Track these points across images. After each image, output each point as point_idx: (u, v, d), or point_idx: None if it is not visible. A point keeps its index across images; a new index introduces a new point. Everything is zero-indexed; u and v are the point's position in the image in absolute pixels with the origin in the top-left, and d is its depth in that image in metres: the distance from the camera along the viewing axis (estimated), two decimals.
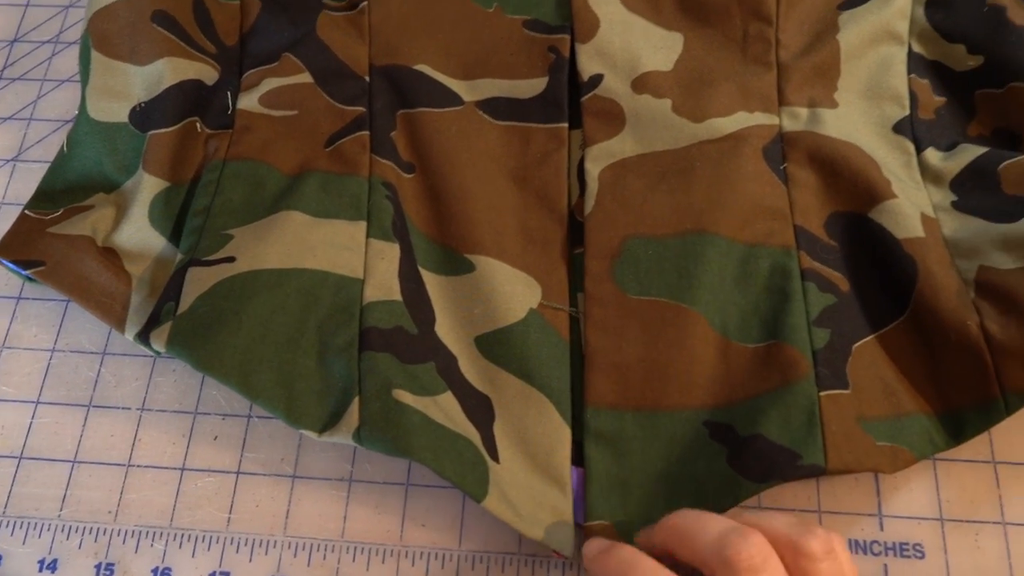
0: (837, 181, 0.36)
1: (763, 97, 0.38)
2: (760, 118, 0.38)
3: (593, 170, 0.38)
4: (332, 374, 0.33)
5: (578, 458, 0.33)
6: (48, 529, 0.34)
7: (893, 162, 0.37)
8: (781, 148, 0.37)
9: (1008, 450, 0.34)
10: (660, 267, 0.35)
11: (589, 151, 0.38)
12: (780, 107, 0.38)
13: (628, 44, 0.40)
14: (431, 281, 0.36)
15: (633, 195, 0.37)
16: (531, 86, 0.40)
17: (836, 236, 0.36)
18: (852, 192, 0.36)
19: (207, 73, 0.39)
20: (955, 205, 0.36)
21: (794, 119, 0.38)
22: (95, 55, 0.37)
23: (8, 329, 0.38)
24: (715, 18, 0.40)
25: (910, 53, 0.39)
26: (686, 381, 0.34)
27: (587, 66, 0.39)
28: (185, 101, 0.38)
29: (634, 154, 0.38)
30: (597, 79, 0.39)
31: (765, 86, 0.38)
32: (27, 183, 0.41)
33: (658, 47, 0.40)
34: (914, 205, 0.35)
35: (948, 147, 0.37)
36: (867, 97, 0.39)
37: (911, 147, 0.37)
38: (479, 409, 0.34)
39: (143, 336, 0.34)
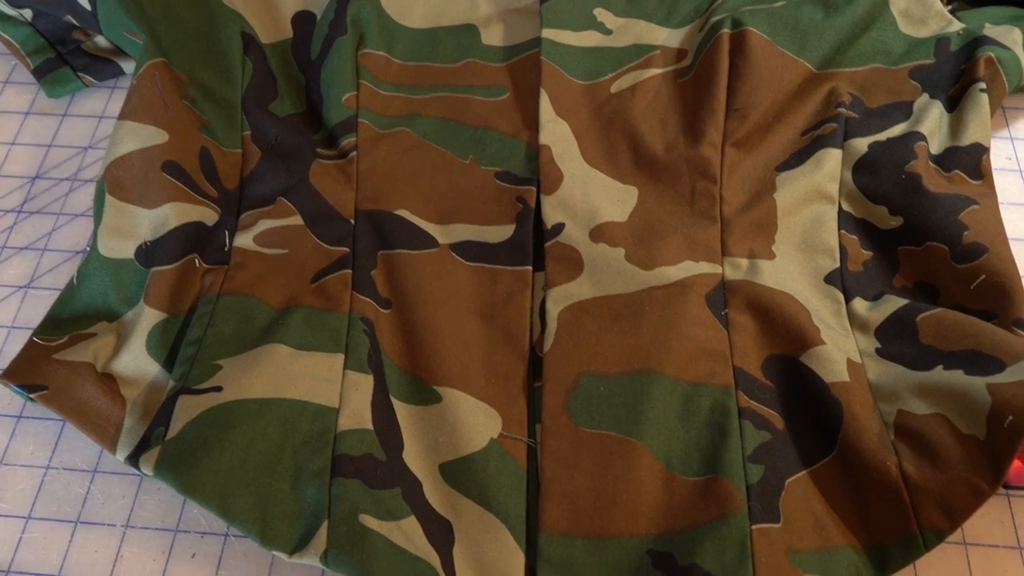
0: (773, 327, 0.40)
1: (707, 248, 0.42)
2: (704, 267, 0.42)
3: (553, 310, 0.41)
4: (304, 498, 0.36)
5: None
6: None
7: (824, 310, 0.41)
8: (723, 295, 0.41)
9: None
10: (610, 403, 0.39)
11: (550, 293, 0.42)
12: (723, 257, 0.42)
13: (588, 196, 0.44)
14: (401, 410, 0.39)
15: (588, 335, 0.40)
16: (500, 232, 0.44)
17: (772, 377, 0.39)
18: (786, 337, 0.40)
19: (208, 215, 0.43)
20: (879, 352, 0.39)
21: (735, 269, 0.42)
22: (108, 199, 0.42)
23: (7, 446, 0.40)
24: (666, 175, 0.45)
25: (840, 211, 0.44)
26: (632, 511, 0.36)
27: (551, 216, 0.44)
28: (187, 241, 0.42)
29: (590, 297, 0.42)
30: (559, 227, 0.43)
31: (710, 238, 0.43)
32: (36, 309, 0.44)
33: (615, 199, 0.44)
34: (841, 351, 0.39)
35: (874, 297, 0.41)
36: (802, 250, 0.43)
37: (841, 297, 0.41)
38: (440, 533, 0.36)
39: (133, 459, 0.36)
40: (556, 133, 0.46)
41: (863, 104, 0.46)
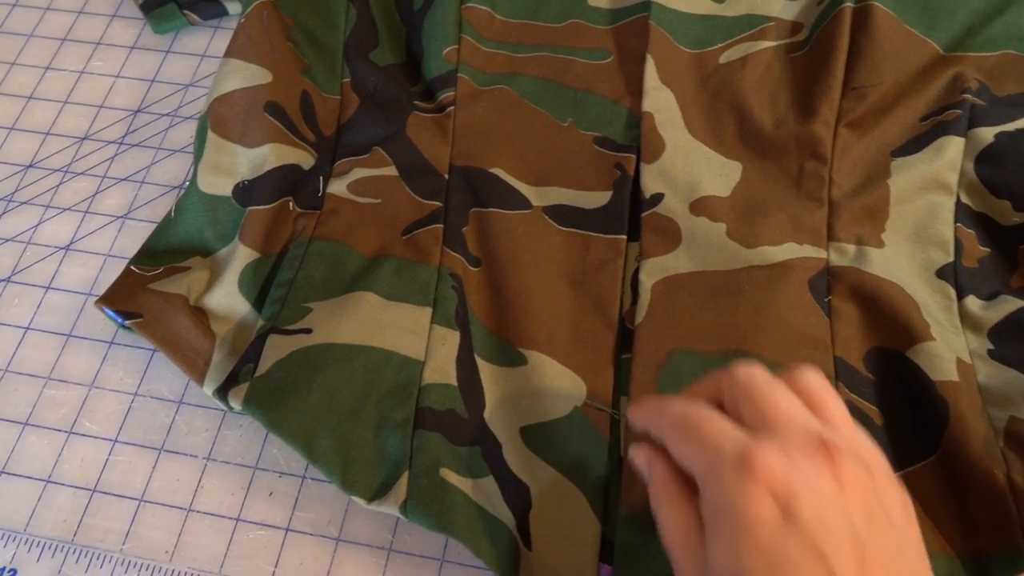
0: (878, 318, 0.38)
1: (813, 231, 0.41)
2: (809, 250, 0.40)
3: (647, 282, 0.40)
4: (386, 447, 0.36)
5: (607, 556, 0.35)
6: (109, 561, 0.36)
7: (933, 305, 0.39)
8: (827, 281, 0.39)
9: None
10: None
11: (644, 264, 0.41)
12: (829, 242, 0.40)
13: (690, 168, 0.43)
14: (485, 369, 0.39)
15: (682, 310, 0.39)
16: (596, 198, 0.43)
17: (873, 370, 0.38)
18: (892, 330, 0.38)
19: (305, 159, 0.43)
20: (991, 354, 0.37)
21: (841, 254, 0.40)
22: (211, 135, 0.42)
23: (99, 370, 0.41)
24: (773, 152, 0.43)
25: (958, 203, 0.41)
26: None
27: (650, 185, 0.42)
28: (283, 183, 0.42)
29: (686, 271, 0.40)
30: (658, 198, 0.42)
31: (816, 221, 0.41)
32: (132, 239, 0.45)
33: (717, 173, 0.43)
34: (951, 349, 0.37)
35: (989, 296, 0.39)
36: (913, 240, 0.41)
37: (952, 293, 0.39)
38: (517, 496, 0.36)
39: (222, 392, 0.37)
40: (660, 101, 0.45)
41: (990, 92, 0.43)
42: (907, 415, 0.36)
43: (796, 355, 0.37)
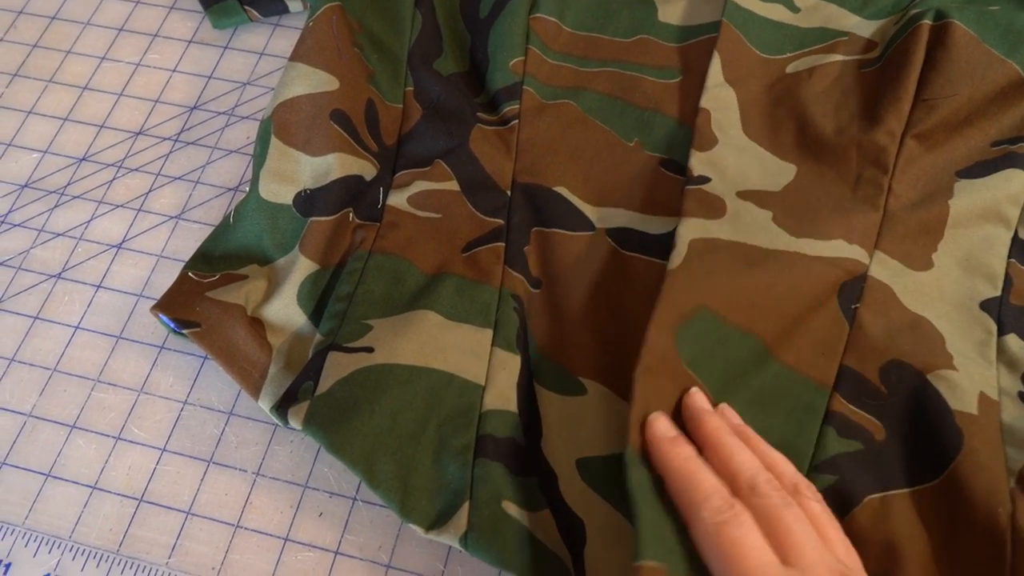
0: (901, 337, 0.37)
1: (863, 233, 0.39)
2: (857, 252, 0.39)
3: (685, 236, 0.38)
4: (445, 474, 0.35)
5: None
6: (155, 574, 0.35)
7: (968, 337, 0.37)
8: (861, 288, 0.38)
9: None
10: (712, 354, 0.36)
11: (685, 222, 0.39)
12: (875, 249, 0.39)
13: (741, 164, 0.41)
14: (543, 397, 0.38)
15: (719, 269, 0.37)
16: (662, 223, 0.42)
17: (887, 383, 0.36)
18: (914, 351, 0.37)
19: (368, 169, 0.42)
20: (1022, 396, 0.36)
21: (883, 267, 0.39)
22: (274, 140, 0.41)
23: (148, 375, 0.40)
24: (832, 158, 0.41)
25: (1015, 238, 0.40)
26: None
27: (697, 169, 0.41)
28: (346, 194, 0.41)
29: (728, 239, 0.39)
30: (704, 179, 0.41)
31: (868, 224, 0.39)
32: (185, 241, 0.44)
33: (769, 173, 0.41)
34: (974, 383, 0.36)
35: None
36: (963, 267, 0.39)
37: (993, 327, 0.38)
38: (572, 531, 0.35)
39: (280, 410, 0.36)
40: (720, 99, 0.43)
41: None
42: (913, 437, 0.35)
43: (800, 354, 0.36)
